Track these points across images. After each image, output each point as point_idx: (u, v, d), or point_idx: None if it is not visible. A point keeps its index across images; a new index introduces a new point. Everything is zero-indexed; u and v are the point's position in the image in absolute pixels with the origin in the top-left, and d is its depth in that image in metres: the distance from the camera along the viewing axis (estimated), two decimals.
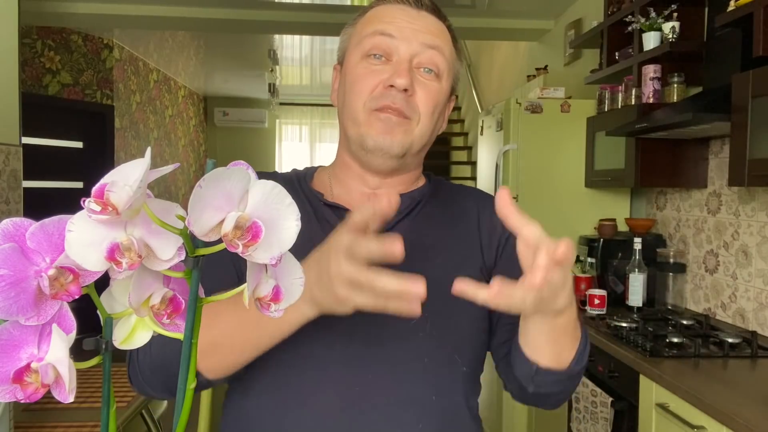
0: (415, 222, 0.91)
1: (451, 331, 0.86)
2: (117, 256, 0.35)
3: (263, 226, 0.37)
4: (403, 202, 0.89)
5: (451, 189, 1.00)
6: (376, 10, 0.89)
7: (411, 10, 0.87)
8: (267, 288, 0.41)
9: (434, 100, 0.87)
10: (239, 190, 0.37)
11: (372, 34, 0.85)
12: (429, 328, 0.83)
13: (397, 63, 0.84)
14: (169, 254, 0.37)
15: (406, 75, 0.83)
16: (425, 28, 0.86)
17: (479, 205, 0.95)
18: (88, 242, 0.35)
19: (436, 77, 0.87)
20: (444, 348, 0.85)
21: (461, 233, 0.92)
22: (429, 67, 0.86)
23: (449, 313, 0.85)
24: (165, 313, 0.39)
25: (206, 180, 0.36)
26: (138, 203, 0.35)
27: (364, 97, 0.85)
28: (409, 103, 0.84)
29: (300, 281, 0.44)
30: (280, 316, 0.43)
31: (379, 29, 0.85)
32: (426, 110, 0.86)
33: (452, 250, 0.90)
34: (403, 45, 0.84)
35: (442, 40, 0.88)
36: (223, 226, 0.37)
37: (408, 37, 0.84)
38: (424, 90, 0.85)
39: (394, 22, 0.85)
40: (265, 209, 0.38)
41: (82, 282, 0.37)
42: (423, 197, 0.93)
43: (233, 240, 0.37)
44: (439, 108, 0.89)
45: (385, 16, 0.87)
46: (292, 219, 0.40)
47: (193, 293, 0.38)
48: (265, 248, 0.38)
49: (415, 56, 0.85)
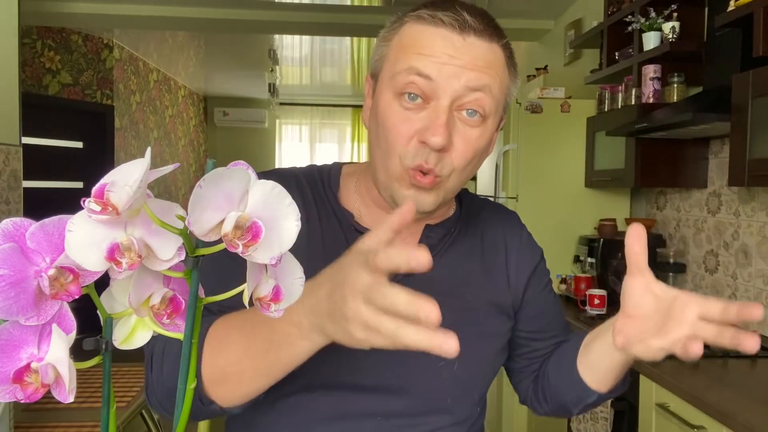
0: (447, 256, 0.87)
1: (476, 372, 0.85)
2: (117, 256, 0.36)
3: (263, 226, 0.37)
4: (435, 236, 0.86)
5: (480, 212, 0.94)
6: (413, 30, 0.76)
7: (455, 37, 0.73)
8: (267, 288, 0.41)
9: (474, 149, 0.77)
10: (239, 190, 0.37)
11: (407, 72, 0.74)
12: (456, 370, 0.82)
13: (435, 112, 0.73)
14: (169, 254, 0.37)
15: (442, 132, 0.72)
16: (471, 63, 0.73)
17: (507, 237, 0.93)
18: (88, 242, 0.36)
19: (481, 119, 0.76)
20: (467, 388, 0.84)
21: (490, 267, 0.89)
22: (473, 109, 0.75)
23: (477, 354, 0.84)
24: (165, 313, 0.39)
25: (206, 180, 0.36)
26: (138, 203, 0.35)
27: (398, 149, 0.76)
28: (443, 160, 0.75)
29: (300, 281, 0.44)
30: (280, 316, 0.43)
31: (415, 68, 0.73)
32: (461, 163, 0.77)
33: (482, 286, 0.88)
34: (444, 89, 0.73)
35: (492, 74, 0.75)
36: (223, 226, 0.37)
37: (449, 78, 0.72)
38: (462, 140, 0.76)
39: (434, 55, 0.73)
40: (265, 209, 0.38)
41: (82, 282, 0.37)
42: (455, 226, 0.89)
43: (233, 240, 0.37)
44: (480, 153, 0.79)
45: (423, 44, 0.74)
46: (292, 219, 0.40)
47: (193, 293, 0.38)
48: (266, 248, 0.38)
49: (457, 99, 0.74)
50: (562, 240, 3.06)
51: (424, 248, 0.49)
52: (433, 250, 0.85)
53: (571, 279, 2.86)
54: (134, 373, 2.76)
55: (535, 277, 0.94)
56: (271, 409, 0.81)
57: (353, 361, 0.79)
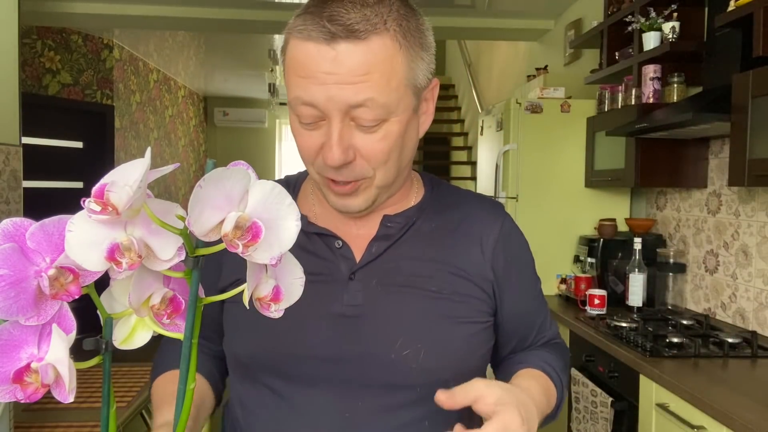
0: (409, 245, 0.85)
1: (448, 358, 0.82)
2: (117, 256, 0.36)
3: (263, 226, 0.37)
4: (394, 225, 0.85)
5: (458, 202, 0.92)
6: (294, 48, 0.74)
7: (326, 50, 0.71)
8: (267, 288, 0.41)
9: (381, 149, 0.76)
10: (239, 190, 0.37)
11: (295, 101, 0.75)
12: (422, 360, 0.80)
13: (327, 132, 0.74)
14: (170, 254, 0.37)
15: (336, 150, 0.73)
16: (348, 77, 0.71)
17: (484, 226, 0.90)
18: (88, 242, 0.35)
19: (377, 123, 0.74)
20: (439, 377, 0.80)
21: (461, 254, 0.87)
22: (365, 123, 0.74)
23: (445, 341, 0.82)
24: (165, 313, 0.39)
25: (206, 180, 0.36)
26: (138, 203, 0.35)
27: (309, 163, 0.79)
28: (354, 168, 0.76)
29: (300, 281, 0.44)
30: (280, 316, 0.43)
31: (300, 97, 0.73)
32: (377, 162, 0.77)
33: (450, 273, 0.85)
34: (329, 110, 0.73)
35: (374, 80, 0.72)
36: (223, 226, 0.37)
37: (330, 99, 0.72)
38: (365, 145, 0.75)
39: (312, 76, 0.72)
40: (265, 209, 0.38)
41: (82, 282, 0.37)
42: (420, 213, 0.88)
43: (233, 240, 0.37)
44: (395, 148, 0.77)
45: (300, 65, 0.73)
46: (292, 219, 0.40)
47: (193, 293, 0.38)
48: (265, 248, 0.38)
49: (346, 114, 0.73)
50: (562, 240, 3.06)
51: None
52: (391, 239, 0.85)
53: (571, 279, 2.86)
54: (134, 373, 2.76)
55: (515, 264, 0.91)
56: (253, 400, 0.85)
57: (311, 355, 0.80)
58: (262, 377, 0.82)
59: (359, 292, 0.82)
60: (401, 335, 0.80)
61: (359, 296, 0.82)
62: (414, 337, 0.80)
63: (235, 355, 0.85)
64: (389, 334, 0.80)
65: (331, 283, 0.82)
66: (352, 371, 0.79)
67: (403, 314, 0.82)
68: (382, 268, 0.84)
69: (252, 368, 0.83)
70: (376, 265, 0.84)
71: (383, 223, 0.85)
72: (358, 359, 0.79)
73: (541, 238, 3.01)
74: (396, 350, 0.79)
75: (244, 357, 0.84)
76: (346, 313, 0.81)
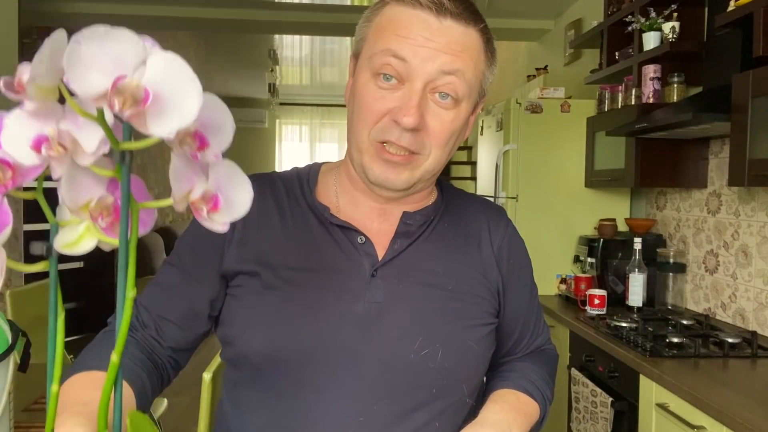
0: (427, 244, 0.87)
1: (462, 360, 0.83)
2: (45, 149, 0.36)
3: (155, 94, 0.35)
4: (413, 222, 0.86)
5: (465, 204, 0.94)
6: (393, 11, 0.78)
7: (432, 20, 0.75)
8: (200, 191, 0.39)
9: (448, 130, 0.79)
10: (132, 56, 0.35)
11: (383, 53, 0.76)
12: (440, 358, 0.80)
13: (408, 93, 0.76)
14: (93, 146, 0.37)
15: (414, 112, 0.75)
16: (446, 47, 0.75)
17: (491, 228, 0.92)
18: (20, 136, 0.36)
19: (454, 103, 0.78)
20: (454, 377, 0.82)
21: (471, 256, 0.89)
22: (446, 92, 0.77)
23: (461, 341, 0.83)
24: (101, 215, 0.39)
25: (85, 37, 0.34)
26: (46, 81, 0.35)
27: (369, 125, 0.78)
28: (417, 138, 0.77)
29: (248, 196, 0.42)
30: (220, 229, 0.40)
31: (391, 49, 0.75)
32: (437, 143, 0.79)
33: (463, 274, 0.87)
34: (418, 71, 0.75)
35: (466, 58, 0.77)
36: (105, 89, 0.35)
37: (424, 61, 0.75)
38: (436, 121, 0.78)
39: (410, 37, 0.75)
40: (163, 79, 0.36)
41: (22, 177, 0.37)
42: (436, 213, 0.89)
43: (123, 109, 0.34)
44: (455, 135, 0.81)
45: (401, 26, 0.76)
46: (195, 94, 0.37)
47: (124, 192, 0.38)
48: (162, 119, 0.36)
49: (431, 82, 0.76)
50: (562, 240, 3.06)
51: None
52: (411, 236, 0.85)
53: (571, 279, 2.86)
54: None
55: (515, 272, 0.93)
56: (253, 405, 0.82)
57: (331, 355, 0.78)
58: (271, 378, 0.79)
59: (380, 289, 0.81)
60: (420, 335, 0.80)
61: (380, 294, 0.81)
62: (432, 337, 0.80)
63: (243, 353, 0.81)
64: (409, 334, 0.80)
65: (354, 279, 0.82)
66: (372, 372, 0.78)
67: (423, 313, 0.82)
68: (402, 265, 0.84)
69: (262, 368, 0.80)
70: (397, 263, 0.84)
71: (403, 220, 0.86)
72: (379, 360, 0.79)
73: (541, 238, 3.01)
74: (415, 350, 0.79)
75: (256, 355, 0.79)
76: (368, 311, 0.80)
